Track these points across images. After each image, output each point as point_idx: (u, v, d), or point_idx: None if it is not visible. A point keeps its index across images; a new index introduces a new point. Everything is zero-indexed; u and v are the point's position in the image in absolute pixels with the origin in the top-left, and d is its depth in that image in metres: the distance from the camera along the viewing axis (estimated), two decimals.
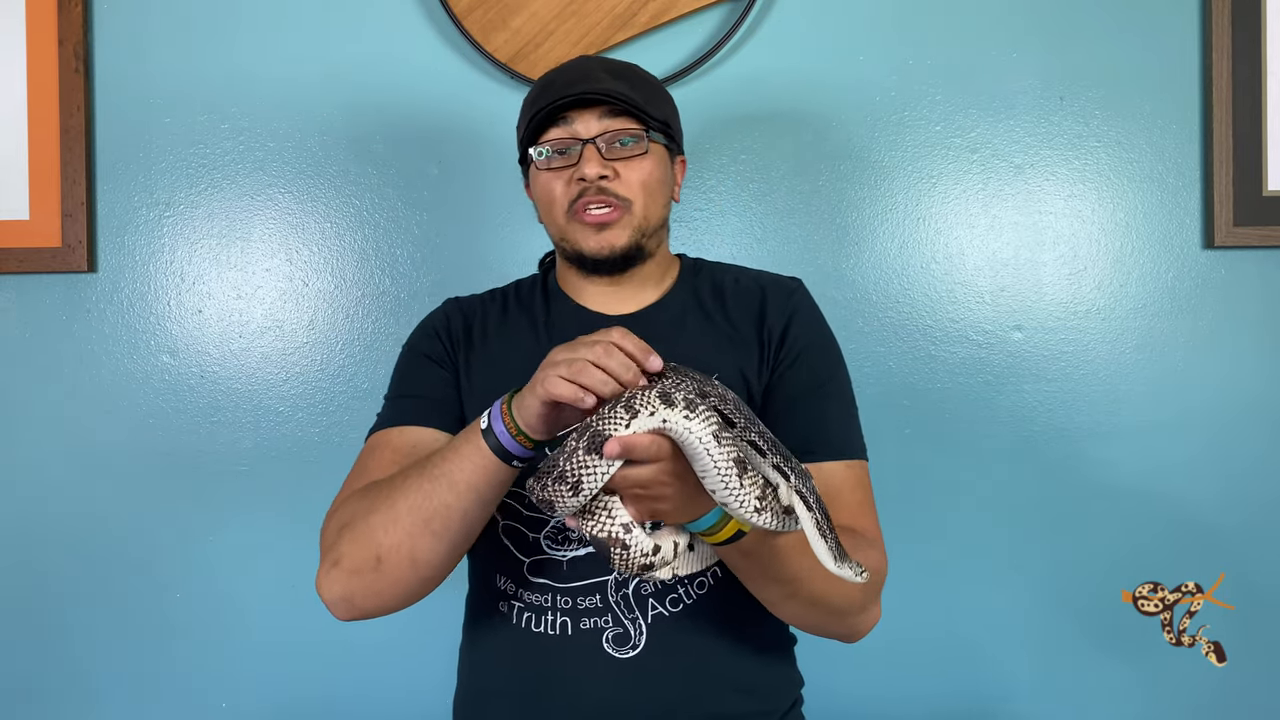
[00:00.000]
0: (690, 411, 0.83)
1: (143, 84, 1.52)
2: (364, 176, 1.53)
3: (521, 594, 1.09)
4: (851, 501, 1.06)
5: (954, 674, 1.52)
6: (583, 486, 0.85)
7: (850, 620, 1.03)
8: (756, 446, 0.87)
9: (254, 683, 1.53)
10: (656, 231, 1.14)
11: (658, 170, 1.11)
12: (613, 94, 1.08)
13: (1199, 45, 1.50)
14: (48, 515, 1.53)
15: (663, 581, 1.00)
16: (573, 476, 0.85)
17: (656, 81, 1.18)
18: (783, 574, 0.95)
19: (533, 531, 1.09)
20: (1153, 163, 1.51)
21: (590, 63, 1.15)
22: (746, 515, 0.84)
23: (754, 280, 1.17)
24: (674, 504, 0.88)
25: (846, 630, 1.06)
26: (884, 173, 1.52)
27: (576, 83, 1.10)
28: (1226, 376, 1.50)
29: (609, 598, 1.05)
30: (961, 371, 1.51)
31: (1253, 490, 1.51)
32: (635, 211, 1.10)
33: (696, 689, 1.04)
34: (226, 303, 1.53)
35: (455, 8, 1.49)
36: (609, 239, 1.09)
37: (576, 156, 1.09)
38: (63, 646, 1.53)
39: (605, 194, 1.08)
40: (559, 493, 0.86)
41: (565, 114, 1.10)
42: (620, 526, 0.88)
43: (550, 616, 1.07)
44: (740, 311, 1.13)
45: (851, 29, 1.51)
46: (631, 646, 1.04)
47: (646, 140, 1.10)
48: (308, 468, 1.52)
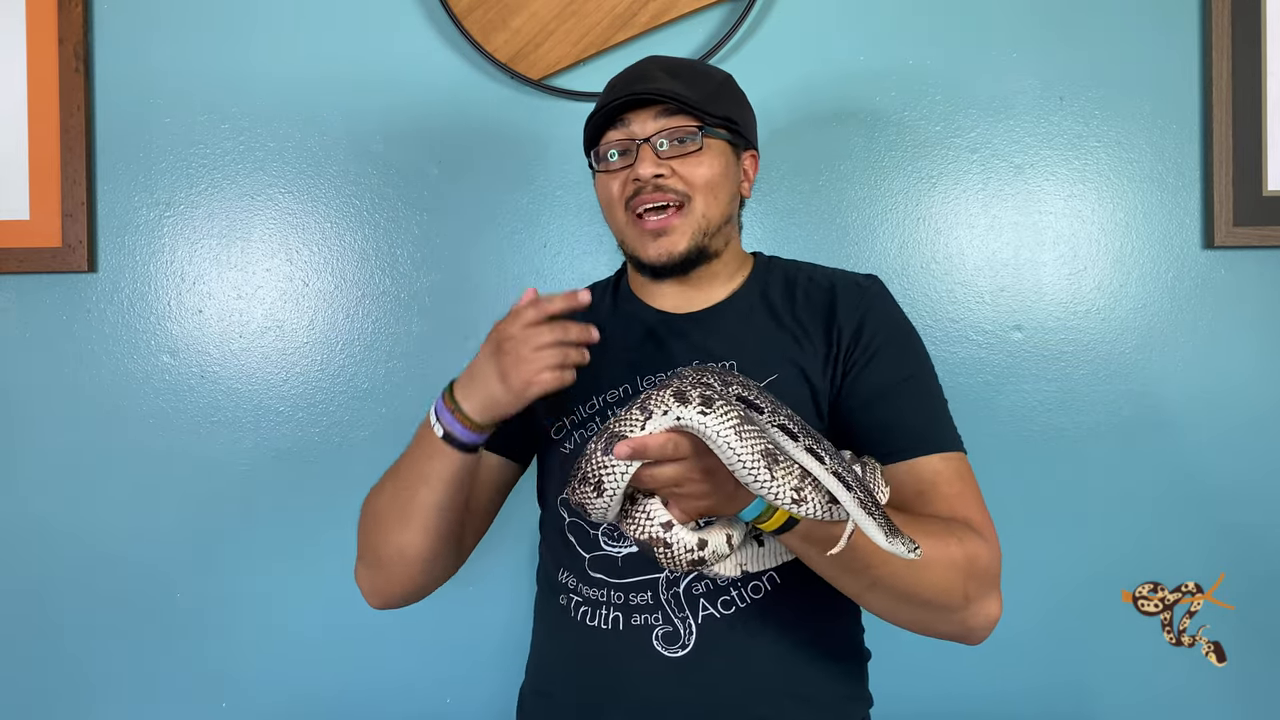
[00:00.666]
0: (706, 407, 0.83)
1: (143, 84, 1.52)
2: (364, 176, 1.53)
3: (581, 588, 1.09)
4: (949, 494, 1.02)
5: (953, 674, 1.51)
6: (605, 487, 0.87)
7: (956, 616, 0.98)
8: (788, 430, 0.87)
9: (254, 683, 1.53)
10: (721, 229, 1.12)
11: (718, 166, 1.10)
12: (664, 93, 1.07)
13: (1199, 45, 1.50)
14: (48, 515, 1.53)
15: (735, 578, 0.99)
16: (594, 478, 0.87)
17: (723, 76, 1.17)
18: (854, 563, 0.92)
19: (593, 528, 1.10)
20: (1153, 163, 1.51)
21: (649, 64, 1.14)
22: (785, 505, 0.83)
23: (826, 278, 1.14)
24: (715, 499, 0.88)
25: (957, 628, 1.00)
26: (884, 173, 1.52)
27: (633, 83, 1.10)
28: (1226, 376, 1.50)
29: (660, 595, 1.05)
30: (961, 371, 1.51)
31: (1253, 490, 1.51)
32: (695, 209, 1.09)
33: (745, 692, 1.03)
34: (226, 303, 1.53)
35: (455, 8, 1.49)
36: (667, 246, 1.09)
37: (634, 157, 1.08)
38: (63, 646, 1.53)
39: (662, 190, 1.07)
40: (585, 494, 0.88)
41: (623, 116, 1.09)
42: (659, 526, 0.89)
43: (604, 611, 1.07)
44: (809, 310, 1.11)
45: (851, 29, 1.51)
46: (680, 646, 1.04)
47: (701, 137, 1.09)
48: (308, 468, 1.52)
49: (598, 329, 1.05)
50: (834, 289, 1.12)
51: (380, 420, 1.52)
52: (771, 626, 1.04)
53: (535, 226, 1.53)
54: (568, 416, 1.14)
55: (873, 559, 0.92)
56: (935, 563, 0.94)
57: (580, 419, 1.13)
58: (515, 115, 1.52)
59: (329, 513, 1.52)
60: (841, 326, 1.08)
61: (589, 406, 1.13)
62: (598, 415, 1.12)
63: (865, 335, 1.07)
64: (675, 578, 1.05)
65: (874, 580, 0.94)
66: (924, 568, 0.91)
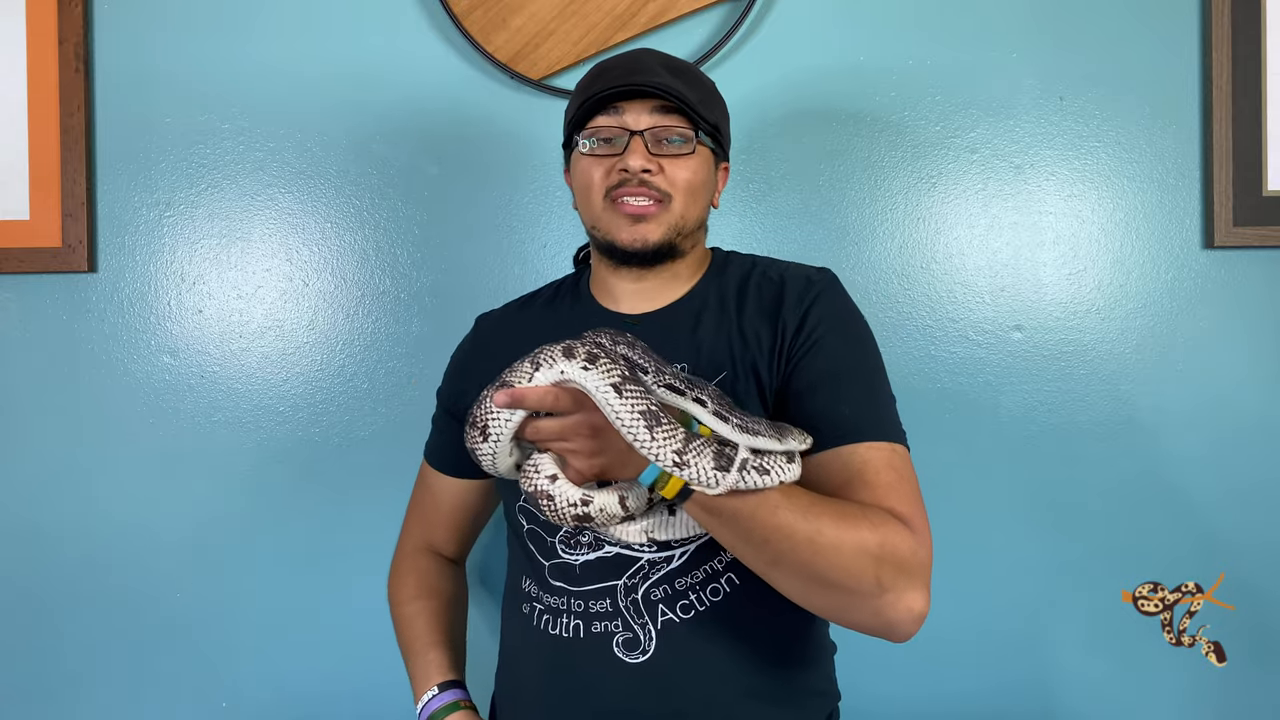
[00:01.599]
0: (589, 363, 0.87)
1: (143, 84, 1.52)
2: (364, 176, 1.53)
3: (542, 596, 1.10)
4: (877, 483, 0.98)
5: (952, 674, 1.52)
6: (490, 432, 0.93)
7: (870, 605, 0.93)
8: (675, 389, 0.90)
9: (254, 683, 1.53)
10: (693, 233, 1.13)
11: (701, 172, 1.11)
12: (669, 89, 1.07)
13: (1199, 45, 1.50)
14: (48, 515, 1.53)
15: (642, 545, 0.99)
16: (481, 423, 0.94)
17: (713, 85, 1.17)
18: (754, 534, 0.91)
19: (550, 535, 1.10)
20: (1153, 163, 1.51)
21: (648, 56, 1.13)
22: (667, 467, 0.86)
23: (778, 271, 1.14)
24: (606, 458, 0.91)
25: (873, 619, 0.94)
26: (884, 173, 1.52)
27: (633, 73, 1.09)
28: (1226, 376, 1.50)
29: (619, 602, 1.05)
30: (961, 371, 1.51)
31: (1253, 490, 1.51)
32: (674, 209, 1.09)
33: (709, 696, 1.03)
34: (227, 303, 1.53)
35: (455, 8, 1.49)
36: (643, 232, 1.09)
37: (622, 147, 1.08)
38: (62, 646, 1.53)
39: (646, 186, 1.07)
40: (474, 440, 0.94)
41: (616, 104, 1.09)
42: (545, 479, 0.92)
43: (565, 619, 1.07)
44: (758, 306, 1.10)
45: (851, 29, 1.51)
46: (641, 652, 1.04)
47: (695, 141, 1.09)
48: (308, 467, 1.52)
49: (552, 328, 1.10)
50: (783, 282, 1.11)
51: (380, 420, 1.52)
52: (732, 628, 1.04)
53: (535, 226, 1.53)
54: None
55: (772, 532, 0.90)
56: (842, 544, 0.91)
57: None
58: (515, 115, 1.52)
59: (329, 512, 1.52)
60: (786, 320, 1.07)
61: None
62: None
63: (808, 326, 1.06)
64: (633, 584, 1.05)
65: (776, 556, 0.91)
66: (829, 547, 0.89)
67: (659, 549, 1.05)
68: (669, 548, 1.05)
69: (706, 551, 1.05)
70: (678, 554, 1.05)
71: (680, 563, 1.05)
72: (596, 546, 1.07)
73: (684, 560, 1.05)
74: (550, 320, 1.19)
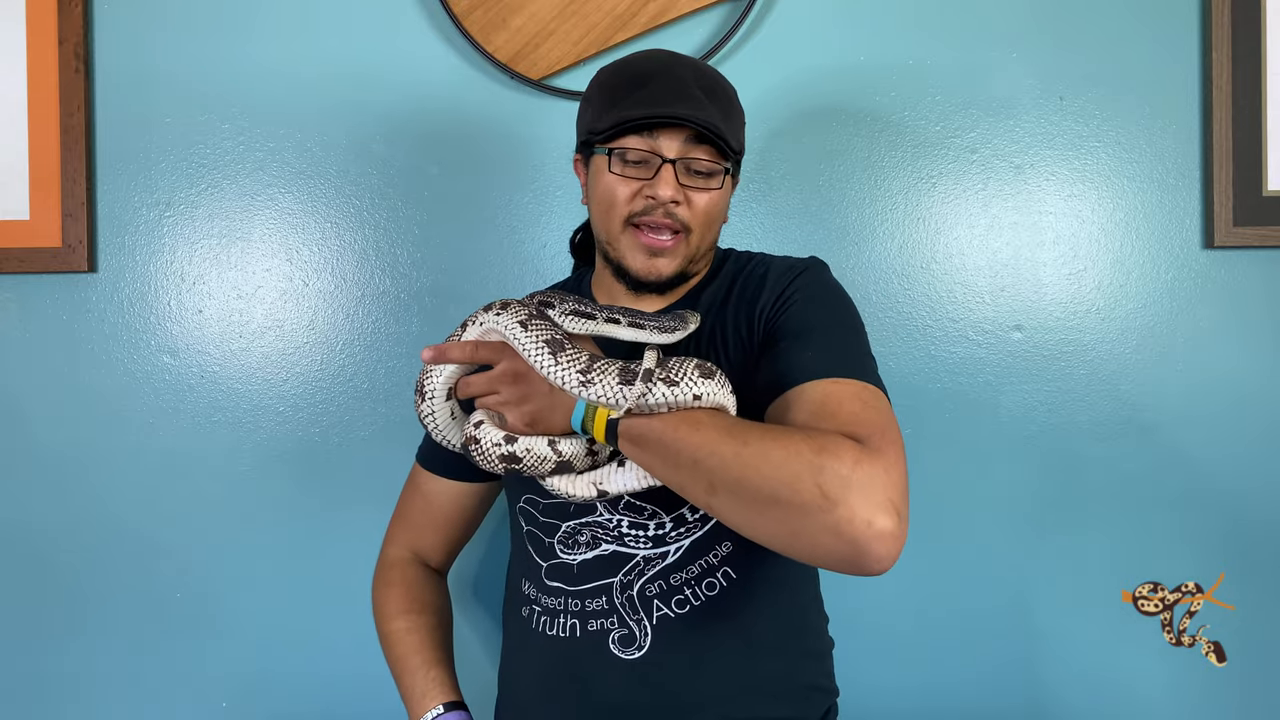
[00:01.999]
0: (501, 310, 0.95)
1: (143, 84, 1.52)
2: (364, 176, 1.53)
3: (541, 598, 1.10)
4: (840, 413, 0.91)
5: (952, 674, 1.52)
6: (425, 390, 1.01)
7: (820, 520, 0.83)
8: (581, 313, 0.96)
9: (254, 683, 1.53)
10: (705, 255, 1.13)
11: (723, 202, 1.10)
12: (709, 127, 1.04)
13: (1199, 45, 1.50)
14: (47, 515, 1.53)
15: (591, 498, 0.98)
16: (419, 385, 1.02)
17: (734, 94, 1.14)
18: (682, 456, 0.87)
19: (548, 537, 1.10)
20: (1153, 163, 1.51)
21: (685, 69, 1.09)
22: (573, 389, 0.90)
23: (765, 265, 1.13)
24: (535, 403, 0.94)
25: (831, 538, 0.83)
26: (884, 173, 1.52)
27: (674, 99, 1.05)
28: (1227, 376, 1.50)
29: (615, 599, 1.06)
30: (961, 371, 1.51)
31: (1253, 489, 1.51)
32: (691, 241, 1.09)
33: (705, 691, 1.04)
34: (227, 303, 1.53)
35: (455, 8, 1.49)
36: (659, 266, 1.08)
37: (652, 171, 1.05)
38: (62, 646, 1.53)
39: (670, 218, 1.06)
40: (416, 401, 1.02)
41: (654, 129, 1.06)
42: (472, 425, 0.98)
43: (562, 619, 1.08)
44: (740, 300, 1.10)
45: (851, 29, 1.51)
46: (637, 648, 1.04)
47: (723, 176, 1.08)
48: (308, 467, 1.52)
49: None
50: (766, 273, 1.11)
51: (380, 420, 1.52)
52: (728, 623, 1.04)
53: (535, 226, 1.53)
54: None
55: (697, 450, 0.87)
56: (770, 452, 0.85)
57: None
58: (515, 115, 1.52)
59: (329, 513, 1.52)
60: (765, 301, 1.07)
61: None
62: None
63: (784, 296, 1.06)
64: (628, 581, 1.05)
65: (709, 477, 0.86)
66: (757, 455, 0.84)
67: (654, 544, 1.05)
68: (653, 539, 1.05)
69: (702, 546, 1.05)
70: (672, 549, 1.05)
71: (675, 558, 1.05)
72: (594, 545, 1.07)
73: (679, 555, 1.05)
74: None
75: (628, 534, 1.06)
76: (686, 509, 1.06)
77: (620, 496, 1.04)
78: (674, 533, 1.05)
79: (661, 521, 1.05)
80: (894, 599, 1.50)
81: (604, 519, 1.07)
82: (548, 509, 1.10)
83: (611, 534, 1.07)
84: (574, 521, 1.09)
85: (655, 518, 1.06)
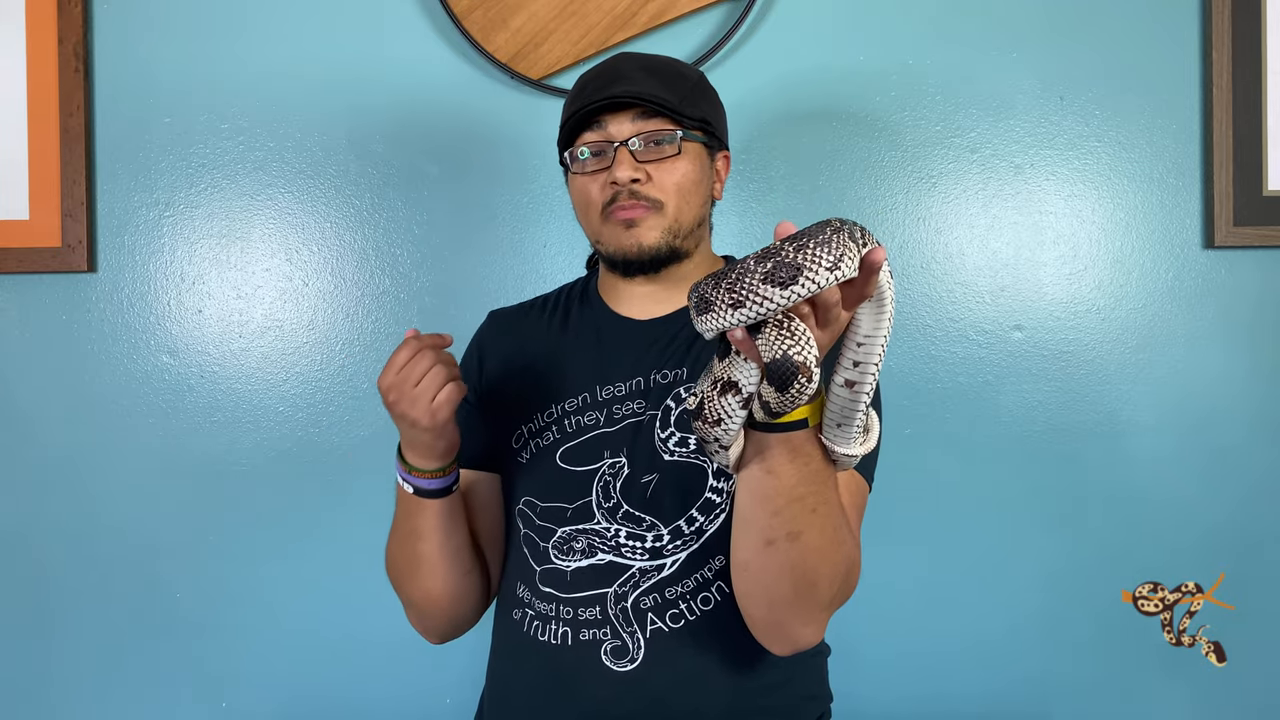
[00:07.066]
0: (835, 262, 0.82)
1: (143, 84, 1.52)
2: (364, 176, 1.53)
3: (534, 602, 1.09)
4: (848, 507, 0.99)
5: (952, 673, 1.52)
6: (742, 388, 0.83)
7: (806, 614, 0.93)
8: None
9: (254, 682, 1.53)
10: (693, 231, 1.12)
11: (693, 170, 1.10)
12: (643, 96, 1.06)
13: (1199, 45, 1.50)
14: (47, 515, 1.53)
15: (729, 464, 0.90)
16: (715, 387, 0.85)
17: (697, 76, 1.16)
18: (808, 498, 0.87)
19: (543, 540, 1.09)
20: (1153, 163, 1.51)
21: (626, 61, 1.13)
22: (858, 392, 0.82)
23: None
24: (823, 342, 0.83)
25: (797, 629, 0.94)
26: (884, 173, 1.52)
27: (610, 84, 1.08)
28: (1226, 376, 1.50)
29: (608, 610, 1.05)
30: (961, 371, 1.51)
31: (1253, 490, 1.51)
32: (667, 213, 1.08)
33: (697, 705, 1.03)
34: (226, 303, 1.53)
35: (455, 8, 1.49)
36: (637, 236, 1.08)
37: (610, 159, 1.07)
38: (62, 646, 1.53)
39: (637, 197, 1.07)
40: (712, 412, 0.84)
41: (600, 116, 1.08)
42: (813, 358, 0.78)
43: (554, 626, 1.07)
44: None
45: (851, 29, 1.51)
46: (629, 660, 1.03)
47: (680, 141, 1.08)
48: (307, 467, 1.52)
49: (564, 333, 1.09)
50: None
51: (380, 420, 1.52)
52: (722, 638, 1.04)
53: (535, 226, 1.53)
54: (525, 425, 1.14)
55: (821, 504, 0.87)
56: (840, 551, 0.91)
57: (538, 427, 1.13)
58: (515, 115, 1.52)
59: (329, 512, 1.52)
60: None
61: (547, 415, 1.13)
62: (554, 424, 1.12)
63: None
64: (623, 592, 1.05)
65: (801, 531, 0.87)
66: (834, 549, 0.90)
67: (650, 556, 1.05)
68: (650, 550, 1.05)
69: (697, 560, 1.05)
70: (669, 562, 1.05)
71: (671, 571, 1.04)
72: (589, 554, 1.06)
73: (675, 569, 1.04)
74: (558, 324, 1.19)
75: (625, 544, 1.06)
76: (683, 522, 1.05)
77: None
78: (670, 545, 1.05)
79: (659, 534, 1.05)
80: (893, 599, 1.50)
81: (601, 527, 1.07)
82: (545, 513, 1.10)
83: (609, 543, 1.06)
84: (570, 527, 1.08)
85: (653, 529, 1.05)
